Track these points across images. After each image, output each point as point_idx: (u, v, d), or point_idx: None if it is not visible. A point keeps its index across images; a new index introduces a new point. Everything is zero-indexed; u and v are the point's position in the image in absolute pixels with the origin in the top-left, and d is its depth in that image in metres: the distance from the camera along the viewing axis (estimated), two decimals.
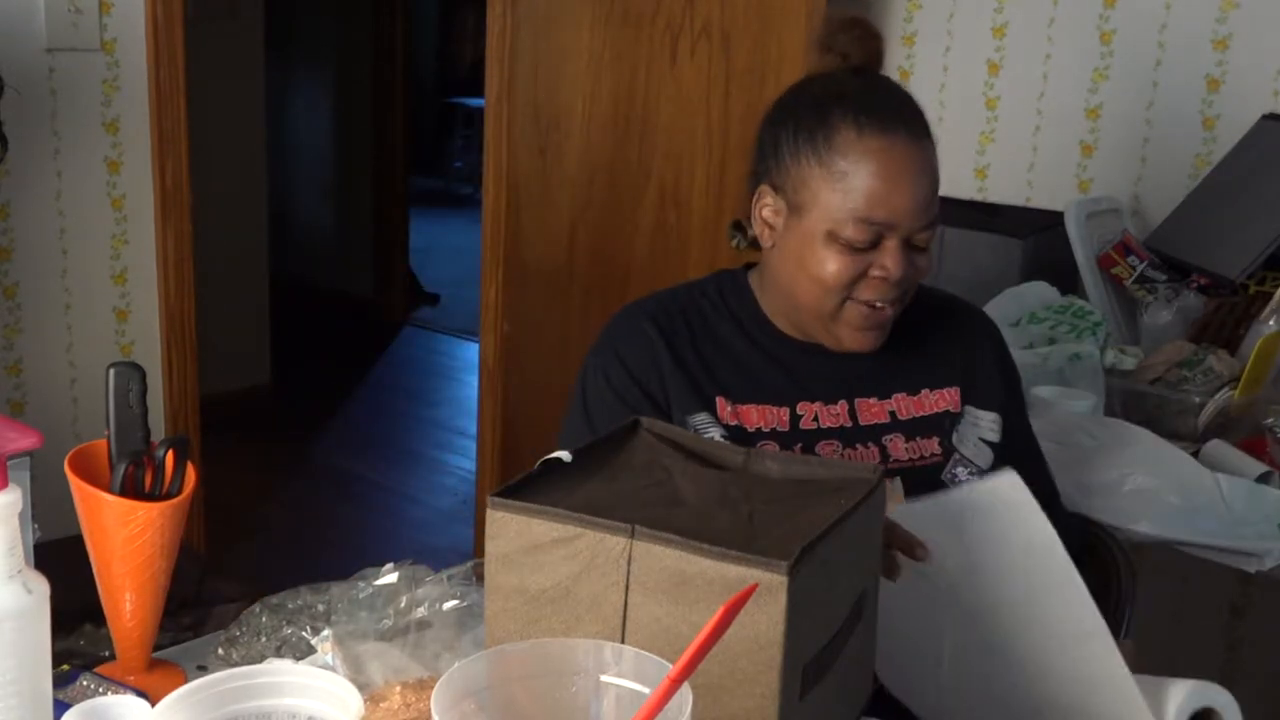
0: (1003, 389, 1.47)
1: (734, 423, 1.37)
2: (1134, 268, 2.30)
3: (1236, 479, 1.77)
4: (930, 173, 1.33)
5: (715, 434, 1.36)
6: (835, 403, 1.40)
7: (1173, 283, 2.28)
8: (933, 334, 1.46)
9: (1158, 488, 1.75)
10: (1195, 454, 1.85)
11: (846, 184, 1.30)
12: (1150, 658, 2.56)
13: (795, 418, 1.38)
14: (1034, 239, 2.43)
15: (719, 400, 1.38)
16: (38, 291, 2.81)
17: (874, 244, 1.31)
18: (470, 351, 5.29)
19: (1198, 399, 1.95)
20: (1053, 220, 2.46)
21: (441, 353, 5.76)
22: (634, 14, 2.77)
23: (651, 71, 2.77)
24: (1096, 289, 2.33)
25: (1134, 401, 2.01)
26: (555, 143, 2.97)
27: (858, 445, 1.39)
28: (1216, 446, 1.87)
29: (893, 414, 1.41)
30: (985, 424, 1.43)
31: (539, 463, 1.02)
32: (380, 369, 5.47)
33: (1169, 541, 1.72)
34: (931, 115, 3.05)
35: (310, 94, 6.17)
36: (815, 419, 1.39)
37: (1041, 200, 2.69)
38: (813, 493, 1.01)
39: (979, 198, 2.77)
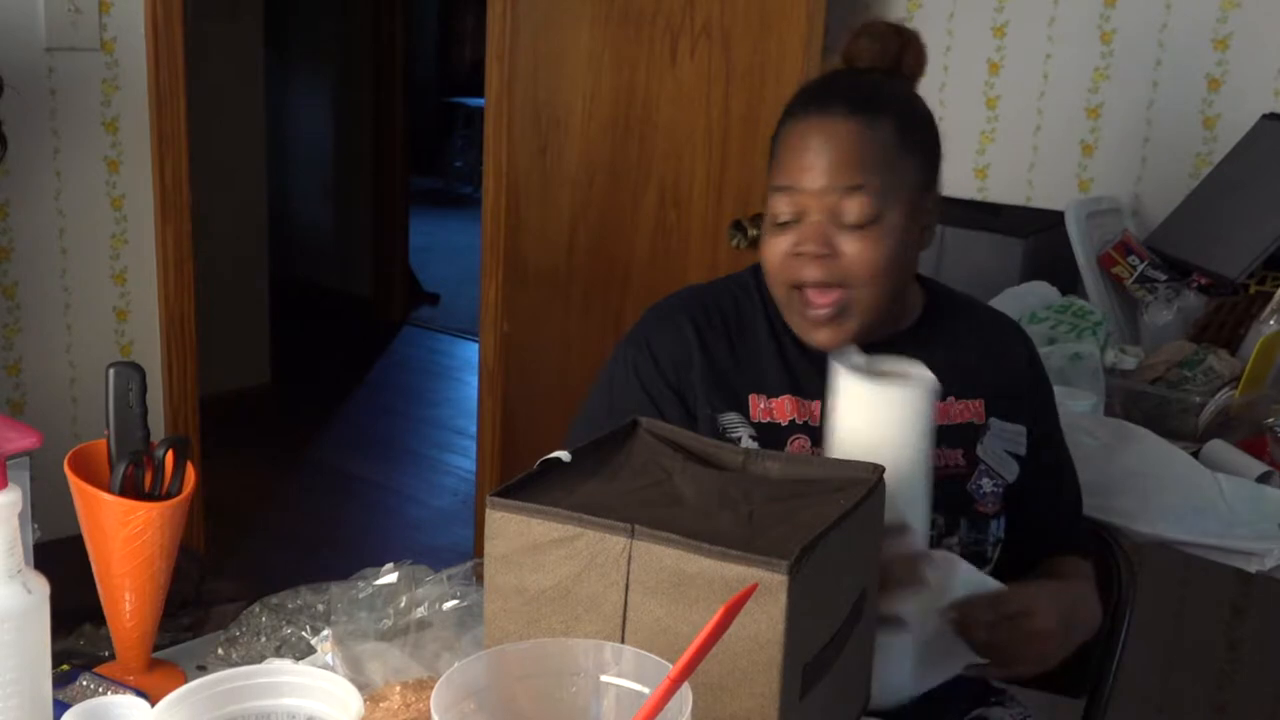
0: (1030, 402, 1.45)
1: (767, 419, 1.37)
2: (1134, 267, 2.30)
3: (1237, 479, 1.77)
4: (845, 142, 1.31)
5: (744, 434, 1.36)
6: None
7: (1173, 282, 2.27)
8: (963, 343, 1.44)
9: (1158, 488, 1.74)
10: (1195, 454, 1.85)
11: (774, 165, 1.37)
12: (1150, 658, 2.57)
13: (825, 411, 1.38)
14: (1034, 239, 2.43)
15: (752, 398, 1.38)
16: (37, 291, 2.81)
17: (798, 219, 1.33)
18: (470, 351, 5.29)
19: (1198, 399, 1.95)
20: (1053, 220, 2.46)
21: (441, 352, 5.76)
22: (634, 14, 2.77)
23: (651, 71, 2.77)
24: (1097, 289, 2.33)
25: (1134, 401, 2.01)
26: (555, 142, 2.97)
27: None
28: (1217, 446, 1.87)
29: None
30: (1010, 436, 1.42)
31: (538, 463, 1.02)
32: (380, 369, 5.47)
33: (1169, 541, 1.72)
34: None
35: (310, 94, 6.17)
36: None
37: (1042, 200, 2.69)
38: (813, 493, 1.01)
39: (979, 198, 2.77)
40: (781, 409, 1.38)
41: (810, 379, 1.38)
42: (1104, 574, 1.55)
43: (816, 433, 1.36)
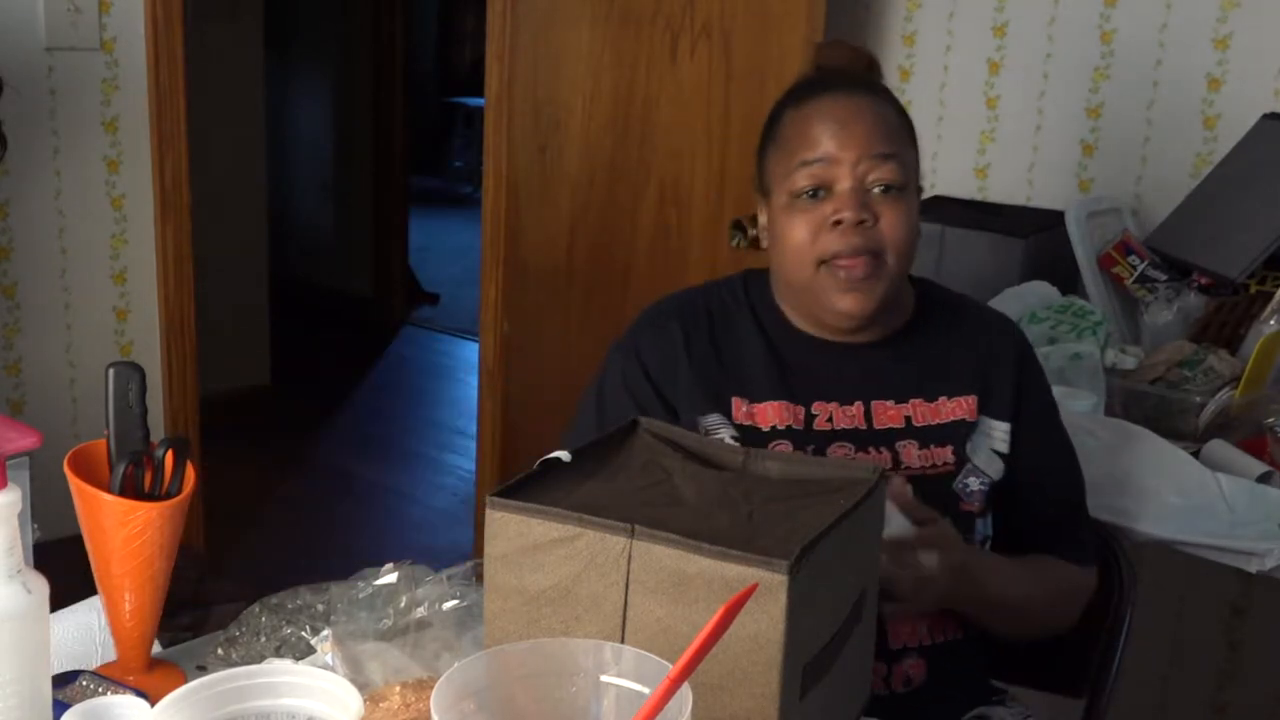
0: (1015, 400, 1.44)
1: (748, 422, 1.38)
2: (1134, 267, 2.30)
3: (1237, 479, 1.77)
4: (872, 114, 1.36)
5: (726, 435, 1.37)
6: (851, 404, 1.39)
7: (1173, 282, 2.27)
8: (955, 340, 1.45)
9: (1158, 488, 1.74)
10: (1196, 454, 1.85)
11: (790, 146, 1.37)
12: (1151, 658, 2.57)
13: (810, 417, 1.38)
14: (1034, 239, 2.43)
15: (735, 400, 1.38)
16: (37, 291, 2.81)
17: (828, 190, 1.34)
18: (470, 351, 5.28)
19: (1198, 399, 1.95)
20: (1053, 220, 2.46)
21: (441, 353, 5.76)
22: (634, 13, 2.77)
23: (651, 71, 2.77)
24: (1097, 288, 2.33)
25: (1134, 401, 2.01)
26: (555, 142, 2.97)
27: (870, 449, 1.38)
28: (1217, 446, 1.87)
29: (908, 419, 1.40)
30: (998, 435, 1.42)
31: (538, 463, 1.02)
32: (380, 369, 5.47)
33: (1169, 541, 1.72)
34: (931, 115, 3.05)
35: (310, 94, 6.17)
36: (830, 419, 1.39)
37: (1042, 200, 2.69)
38: (813, 493, 1.01)
39: (979, 197, 2.77)
40: (764, 414, 1.38)
41: (800, 383, 1.39)
42: (1104, 575, 1.55)
43: (802, 437, 1.37)
